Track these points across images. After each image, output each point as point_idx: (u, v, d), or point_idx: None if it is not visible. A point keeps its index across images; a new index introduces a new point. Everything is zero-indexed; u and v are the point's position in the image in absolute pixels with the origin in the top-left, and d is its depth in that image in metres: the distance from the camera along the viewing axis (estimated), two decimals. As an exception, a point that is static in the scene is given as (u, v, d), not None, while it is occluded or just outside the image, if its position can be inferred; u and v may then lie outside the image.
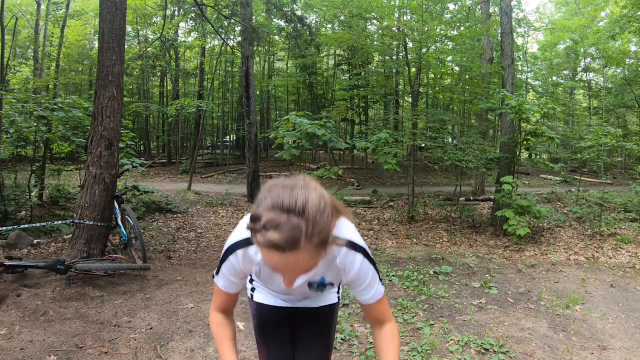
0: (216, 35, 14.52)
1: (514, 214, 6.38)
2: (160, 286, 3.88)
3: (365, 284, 1.20)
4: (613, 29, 12.75)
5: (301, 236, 0.85)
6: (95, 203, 4.38)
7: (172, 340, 2.83)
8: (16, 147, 7.53)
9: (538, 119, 8.40)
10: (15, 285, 3.60)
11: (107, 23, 4.49)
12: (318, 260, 0.95)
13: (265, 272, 1.25)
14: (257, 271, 1.26)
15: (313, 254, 0.90)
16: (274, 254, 0.87)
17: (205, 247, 5.67)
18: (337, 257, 1.16)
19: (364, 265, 1.18)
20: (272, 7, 11.37)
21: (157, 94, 21.86)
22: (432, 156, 9.07)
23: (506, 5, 8.22)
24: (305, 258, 0.89)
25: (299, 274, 0.97)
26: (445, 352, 2.82)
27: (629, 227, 7.00)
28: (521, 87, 20.00)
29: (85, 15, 18.13)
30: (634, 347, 2.98)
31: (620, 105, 18.48)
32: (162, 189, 9.23)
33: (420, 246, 6.18)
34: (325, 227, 0.88)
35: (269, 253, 0.88)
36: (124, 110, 10.03)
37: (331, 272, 1.22)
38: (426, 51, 9.38)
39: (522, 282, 4.42)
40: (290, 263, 0.89)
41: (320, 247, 0.90)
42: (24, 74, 16.13)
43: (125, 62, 4.89)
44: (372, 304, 1.25)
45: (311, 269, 0.96)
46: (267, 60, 22.38)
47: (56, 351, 2.60)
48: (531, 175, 17.38)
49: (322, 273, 1.22)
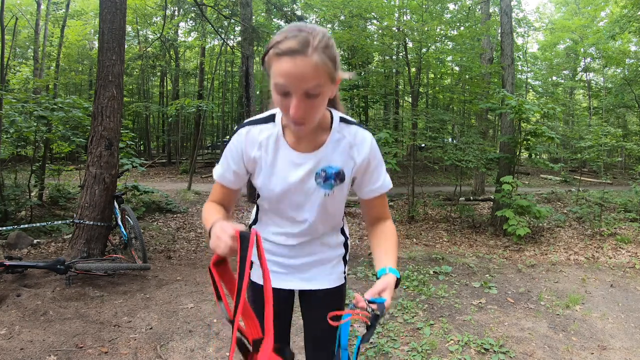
0: (216, 35, 14.52)
1: (514, 214, 6.38)
2: (160, 286, 3.88)
3: (376, 165, 1.20)
4: (613, 29, 12.75)
5: (310, 41, 0.95)
6: (95, 203, 4.38)
7: (172, 340, 2.83)
8: (16, 147, 7.54)
9: (538, 119, 8.39)
10: (15, 285, 3.60)
11: (107, 23, 4.49)
12: (323, 80, 0.98)
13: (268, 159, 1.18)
14: (258, 158, 1.18)
15: (320, 66, 0.96)
16: (286, 61, 0.95)
17: (205, 247, 5.67)
18: (345, 137, 1.17)
19: (374, 144, 1.20)
20: (272, 7, 11.36)
21: (157, 94, 21.86)
22: (432, 156, 9.07)
23: (506, 5, 8.22)
24: (313, 66, 0.95)
25: (306, 85, 0.97)
26: (445, 352, 2.82)
27: (629, 227, 7.00)
28: (521, 87, 19.99)
29: (85, 15, 18.13)
30: (634, 347, 2.98)
31: (620, 105, 18.48)
32: (162, 189, 9.23)
33: (420, 246, 6.18)
34: (331, 46, 0.99)
35: (280, 63, 0.96)
36: (124, 110, 10.02)
37: (340, 156, 1.18)
38: (426, 51, 9.38)
39: (522, 282, 4.42)
40: (299, 68, 0.94)
41: (327, 63, 0.98)
42: (24, 74, 16.12)
43: (125, 62, 4.89)
44: (377, 196, 1.23)
45: (317, 83, 0.97)
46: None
47: (56, 351, 2.60)
48: (531, 175, 17.38)
49: (330, 159, 1.17)
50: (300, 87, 0.97)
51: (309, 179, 1.18)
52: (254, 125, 1.19)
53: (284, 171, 1.18)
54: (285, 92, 0.99)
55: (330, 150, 1.17)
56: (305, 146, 1.17)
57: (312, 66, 0.95)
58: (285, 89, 0.98)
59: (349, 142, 1.18)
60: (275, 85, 0.99)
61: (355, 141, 1.18)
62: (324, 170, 1.17)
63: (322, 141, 1.17)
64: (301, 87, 0.97)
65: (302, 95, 0.98)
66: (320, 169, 1.17)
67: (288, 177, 1.18)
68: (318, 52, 0.96)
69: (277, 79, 0.98)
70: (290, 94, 0.98)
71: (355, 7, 9.54)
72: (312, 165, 1.17)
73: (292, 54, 0.94)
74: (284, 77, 0.96)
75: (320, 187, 1.18)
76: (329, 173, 1.17)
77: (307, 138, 1.17)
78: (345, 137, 1.18)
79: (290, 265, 1.34)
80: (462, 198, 10.07)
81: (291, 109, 0.99)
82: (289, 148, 1.17)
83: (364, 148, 1.18)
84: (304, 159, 1.17)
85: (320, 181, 1.17)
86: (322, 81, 0.99)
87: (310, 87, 0.97)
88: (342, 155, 1.18)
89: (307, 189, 1.19)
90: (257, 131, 1.18)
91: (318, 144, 1.17)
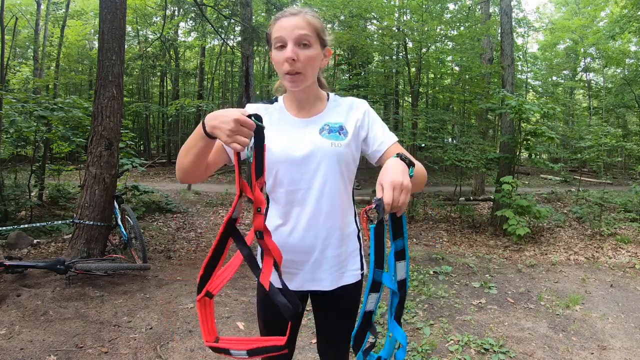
0: (216, 35, 14.52)
1: (514, 214, 6.38)
2: (160, 286, 3.88)
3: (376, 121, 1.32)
4: (613, 29, 12.75)
5: (302, 10, 1.22)
6: (95, 203, 4.38)
7: (172, 340, 2.83)
8: (16, 147, 7.55)
9: (538, 119, 8.39)
10: (15, 285, 3.60)
11: (107, 23, 4.48)
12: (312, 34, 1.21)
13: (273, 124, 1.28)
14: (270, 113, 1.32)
15: (310, 22, 1.21)
16: (283, 20, 1.20)
17: (205, 247, 5.67)
18: (342, 104, 1.35)
19: (370, 107, 1.35)
20: (272, 7, 11.35)
21: (157, 94, 21.86)
22: (432, 156, 9.06)
23: (506, 5, 8.22)
24: (305, 20, 1.20)
25: (298, 32, 1.18)
26: (445, 352, 2.82)
27: (629, 227, 7.00)
28: (521, 87, 19.97)
29: (85, 15, 18.11)
30: (634, 347, 2.98)
31: (620, 105, 18.48)
32: (162, 189, 9.23)
33: (420, 246, 6.18)
34: (319, 18, 1.25)
35: (279, 22, 1.21)
36: (124, 110, 10.02)
37: (339, 115, 1.32)
38: (426, 51, 9.39)
39: (522, 282, 4.42)
40: (293, 20, 1.19)
41: (315, 23, 1.22)
42: (24, 74, 16.13)
43: (125, 62, 4.89)
44: (390, 147, 1.27)
45: (307, 32, 1.20)
46: (267, 60, 22.37)
47: (56, 351, 2.60)
48: (531, 175, 17.37)
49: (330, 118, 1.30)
50: (293, 33, 1.18)
51: (313, 135, 1.28)
52: (257, 103, 1.38)
53: (289, 132, 1.28)
54: (282, 43, 1.19)
55: (330, 113, 1.32)
56: (305, 114, 1.32)
57: (304, 20, 1.20)
58: (282, 39, 1.19)
59: (348, 104, 1.35)
60: (275, 40, 1.21)
61: (353, 105, 1.34)
62: (327, 125, 1.29)
63: (320, 109, 1.33)
64: (294, 33, 1.18)
65: (295, 42, 1.18)
66: (323, 125, 1.29)
67: (294, 133, 1.28)
68: (308, 15, 1.22)
69: (276, 33, 1.20)
70: (286, 44, 1.18)
71: (355, 7, 9.54)
72: (315, 125, 1.29)
73: (288, 15, 1.21)
74: (281, 29, 1.19)
75: (325, 138, 1.27)
76: (332, 127, 1.29)
77: (306, 106, 1.32)
78: (341, 104, 1.35)
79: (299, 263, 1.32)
80: (462, 198, 10.07)
81: (286, 52, 1.18)
82: (292, 116, 1.32)
83: (362, 106, 1.34)
84: (307, 122, 1.30)
85: (325, 133, 1.28)
86: (311, 33, 1.20)
87: (302, 34, 1.18)
88: (341, 115, 1.32)
89: (313, 141, 1.26)
90: (262, 106, 1.35)
91: (317, 111, 1.33)
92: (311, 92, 1.31)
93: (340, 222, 1.31)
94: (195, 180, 1.24)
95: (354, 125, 1.29)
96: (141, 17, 16.95)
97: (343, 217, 1.32)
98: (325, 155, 1.24)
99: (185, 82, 21.70)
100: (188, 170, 1.17)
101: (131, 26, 17.16)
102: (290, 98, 1.33)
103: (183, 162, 1.16)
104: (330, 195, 1.26)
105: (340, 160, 1.26)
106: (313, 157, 1.24)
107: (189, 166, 1.15)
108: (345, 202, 1.33)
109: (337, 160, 1.25)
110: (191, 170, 1.17)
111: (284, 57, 1.18)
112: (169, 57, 17.56)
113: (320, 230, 1.28)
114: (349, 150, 1.27)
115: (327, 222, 1.28)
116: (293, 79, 1.20)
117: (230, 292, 3.80)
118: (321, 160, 1.24)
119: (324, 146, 1.24)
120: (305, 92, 1.29)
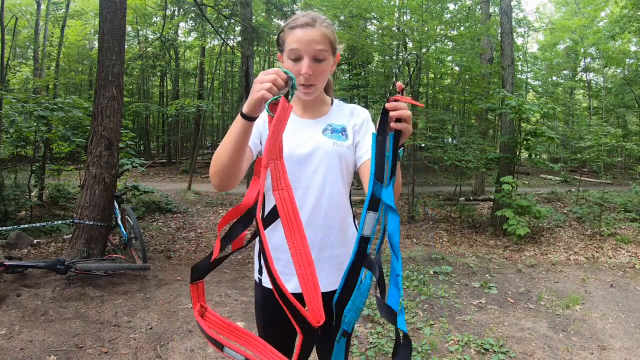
0: (216, 35, 14.51)
1: (514, 214, 6.38)
2: (160, 286, 3.88)
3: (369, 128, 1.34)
4: (613, 29, 12.74)
5: (318, 18, 1.21)
6: (95, 203, 4.38)
7: (172, 340, 2.83)
8: (16, 147, 7.55)
9: (538, 119, 8.40)
10: (15, 285, 3.60)
11: (107, 23, 4.49)
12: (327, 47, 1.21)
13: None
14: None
15: (326, 35, 1.20)
16: (299, 30, 1.19)
17: (205, 247, 5.67)
18: (345, 108, 1.39)
19: (370, 117, 1.38)
20: (272, 7, 11.36)
21: (157, 94, 21.84)
22: (432, 156, 9.06)
23: (506, 5, 8.23)
24: (321, 34, 1.20)
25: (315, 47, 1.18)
26: (445, 352, 2.82)
27: (629, 227, 7.01)
28: (521, 87, 19.97)
29: (85, 15, 18.10)
30: (634, 347, 2.98)
31: (620, 105, 18.47)
32: (162, 189, 9.23)
33: (420, 246, 6.18)
34: (332, 26, 1.25)
35: (294, 33, 1.19)
36: (124, 110, 10.03)
37: (342, 118, 1.35)
38: (426, 51, 9.38)
39: (522, 282, 4.42)
40: (310, 34, 1.18)
41: (330, 34, 1.22)
42: (24, 74, 16.12)
43: (125, 62, 4.89)
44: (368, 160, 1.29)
45: (323, 47, 1.20)
46: (267, 60, 22.37)
47: (56, 351, 2.60)
48: (531, 175, 17.36)
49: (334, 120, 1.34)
50: (310, 49, 1.18)
51: (316, 134, 1.30)
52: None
53: (292, 131, 1.28)
54: (297, 57, 1.19)
55: (333, 115, 1.36)
56: (310, 115, 1.35)
57: (320, 34, 1.19)
58: (297, 52, 1.19)
59: (350, 110, 1.39)
60: (290, 52, 1.20)
61: (354, 111, 1.38)
62: (330, 125, 1.33)
63: (325, 111, 1.37)
64: (311, 49, 1.18)
65: (312, 58, 1.19)
66: (326, 125, 1.33)
67: (297, 132, 1.29)
68: (324, 26, 1.21)
69: (292, 45, 1.19)
70: (301, 58, 1.19)
71: (355, 7, 9.54)
72: (318, 125, 1.32)
73: (304, 26, 1.19)
74: (297, 42, 1.18)
75: (328, 138, 1.30)
76: (335, 128, 1.33)
77: (311, 109, 1.35)
78: (345, 108, 1.39)
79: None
80: (462, 198, 10.07)
81: (303, 68, 1.18)
82: (296, 116, 1.34)
83: (363, 114, 1.37)
84: (311, 123, 1.33)
85: (328, 133, 1.31)
86: (327, 48, 1.21)
87: (318, 50, 1.19)
88: (344, 117, 1.36)
89: (316, 139, 1.29)
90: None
91: (321, 114, 1.36)
92: (317, 96, 1.33)
93: (339, 223, 1.32)
94: (232, 180, 1.15)
95: (352, 129, 1.34)
96: (141, 17, 16.94)
97: (342, 217, 1.33)
98: (327, 153, 1.26)
99: (185, 82, 21.69)
100: (227, 166, 1.10)
101: (131, 26, 17.16)
102: (295, 99, 1.34)
103: (221, 159, 1.10)
104: (329, 195, 1.27)
105: (341, 160, 1.28)
106: (315, 155, 1.26)
107: (228, 160, 1.08)
108: (344, 203, 1.34)
109: (339, 160, 1.28)
110: (230, 165, 1.09)
111: (299, 72, 1.19)
112: (169, 57, 17.55)
113: (319, 229, 1.28)
114: (350, 151, 1.31)
115: (325, 222, 1.28)
116: (307, 89, 1.23)
117: (230, 292, 3.80)
118: (323, 159, 1.26)
119: (326, 145, 1.27)
120: None
